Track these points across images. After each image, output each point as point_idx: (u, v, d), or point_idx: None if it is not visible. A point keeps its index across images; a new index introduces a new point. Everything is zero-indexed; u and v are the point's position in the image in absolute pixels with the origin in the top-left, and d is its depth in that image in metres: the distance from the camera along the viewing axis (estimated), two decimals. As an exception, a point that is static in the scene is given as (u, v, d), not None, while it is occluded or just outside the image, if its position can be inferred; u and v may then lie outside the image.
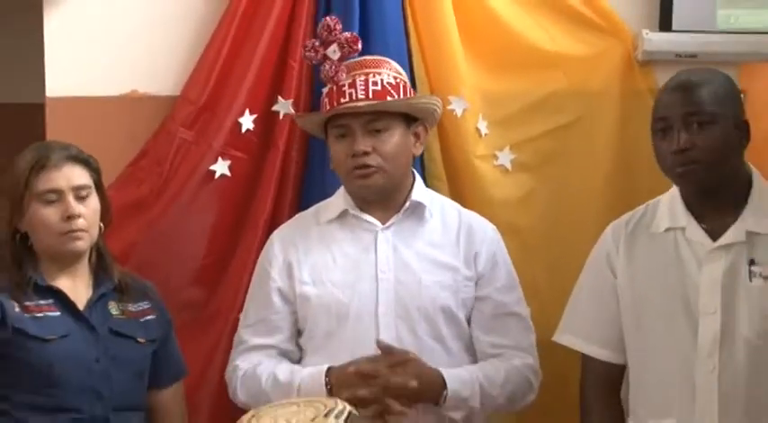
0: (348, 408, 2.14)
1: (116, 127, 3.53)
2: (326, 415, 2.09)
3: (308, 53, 3.26)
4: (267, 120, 3.54)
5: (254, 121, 3.53)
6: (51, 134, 3.45)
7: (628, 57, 3.63)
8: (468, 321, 3.21)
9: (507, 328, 3.21)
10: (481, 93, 3.60)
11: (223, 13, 3.55)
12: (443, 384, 3.05)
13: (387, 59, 3.26)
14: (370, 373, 2.96)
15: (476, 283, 3.20)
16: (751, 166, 3.07)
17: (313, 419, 2.06)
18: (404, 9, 3.58)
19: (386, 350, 3.02)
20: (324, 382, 3.01)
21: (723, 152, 2.96)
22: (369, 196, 3.19)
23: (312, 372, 3.07)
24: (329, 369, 3.05)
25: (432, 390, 3.03)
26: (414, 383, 2.97)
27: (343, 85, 3.15)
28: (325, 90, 3.23)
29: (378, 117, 3.12)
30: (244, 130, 3.53)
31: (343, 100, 3.13)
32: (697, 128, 2.95)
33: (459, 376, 3.09)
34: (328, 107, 3.17)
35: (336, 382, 2.99)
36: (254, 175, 3.56)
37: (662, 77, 3.30)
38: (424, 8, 3.58)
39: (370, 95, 3.13)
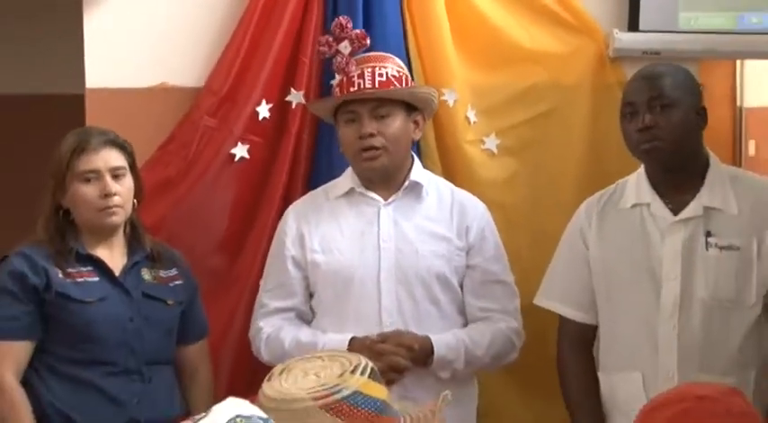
0: (370, 364, 2.12)
1: (147, 115, 3.54)
2: (353, 371, 2.03)
3: (321, 48, 3.28)
4: (281, 109, 3.55)
5: (270, 110, 3.54)
6: (90, 121, 3.45)
7: (600, 54, 3.64)
8: (461, 287, 3.23)
9: (494, 294, 3.24)
10: (470, 85, 3.62)
11: (242, 13, 3.56)
12: (432, 350, 3.09)
13: (390, 55, 3.29)
14: (379, 351, 3.00)
15: (467, 253, 3.22)
16: (708, 149, 3.10)
17: (341, 375, 2.01)
18: (402, 12, 3.58)
19: (384, 337, 3.07)
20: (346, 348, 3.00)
21: (682, 133, 3.00)
22: (373, 176, 3.21)
23: (335, 338, 3.11)
24: (353, 338, 3.09)
25: (422, 354, 3.06)
26: (407, 363, 3.02)
27: (353, 76, 3.17)
28: (335, 81, 3.26)
29: (382, 104, 3.15)
30: (261, 117, 3.54)
31: (352, 88, 3.16)
32: (660, 110, 3.00)
33: (445, 342, 3.13)
34: (339, 95, 3.19)
35: (356, 351, 2.94)
36: (270, 157, 3.56)
37: (630, 72, 3.32)
38: (420, 11, 3.59)
39: (377, 85, 3.15)
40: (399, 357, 3.00)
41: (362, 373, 2.03)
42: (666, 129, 2.99)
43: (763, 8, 3.69)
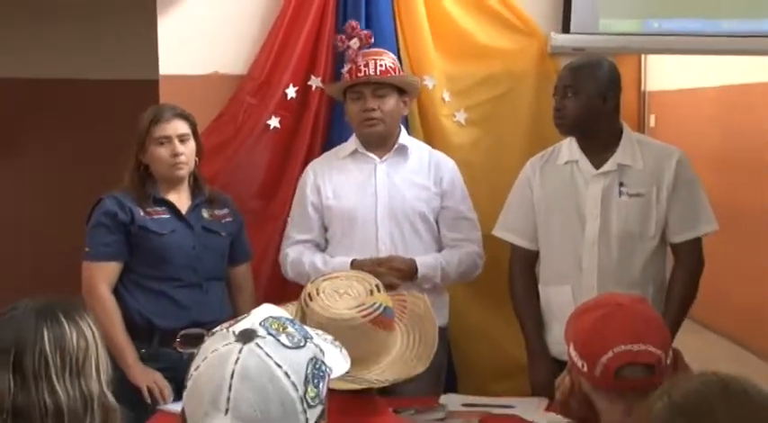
0: (380, 282, 2.07)
1: (205, 95, 3.52)
2: (377, 290, 2.02)
3: (337, 43, 3.32)
4: (304, 91, 3.53)
5: (296, 92, 3.52)
6: (163, 100, 3.46)
7: (541, 50, 3.61)
8: (437, 223, 3.25)
9: (462, 226, 3.26)
10: (445, 73, 3.60)
11: (275, 19, 3.54)
12: (416, 269, 3.12)
13: (387, 51, 3.29)
14: (377, 273, 3.01)
15: (441, 197, 3.24)
16: (623, 122, 3.12)
17: (370, 293, 1.99)
18: (394, 18, 3.55)
19: (378, 261, 3.08)
20: (349, 269, 3.02)
21: (582, 114, 3.01)
22: (372, 140, 3.21)
23: (341, 260, 3.12)
24: (353, 261, 3.10)
25: (409, 273, 3.09)
26: (398, 282, 3.01)
27: (360, 65, 3.17)
28: (345, 69, 3.26)
29: (381, 87, 3.16)
30: (288, 97, 3.52)
31: (359, 74, 3.16)
32: (569, 96, 3.02)
33: (426, 263, 3.15)
34: (349, 79, 3.20)
35: (357, 268, 2.98)
36: (295, 127, 3.55)
37: (563, 63, 3.30)
38: (407, 17, 3.56)
39: (378, 73, 3.15)
40: (392, 278, 3.01)
41: (380, 290, 2.03)
42: (568, 111, 3.02)
43: (662, 16, 3.67)
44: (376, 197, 3.20)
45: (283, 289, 3.29)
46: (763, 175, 5.52)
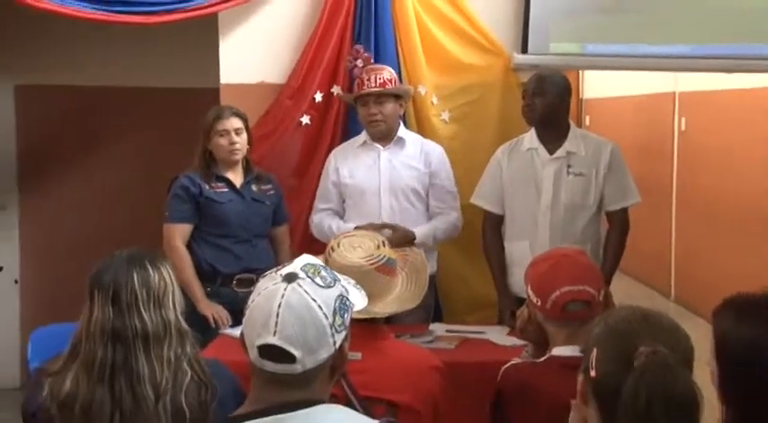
0: (386, 240, 2.09)
1: (254, 98, 3.47)
2: (383, 245, 2.02)
3: (348, 64, 3.33)
4: (328, 96, 3.48)
5: (322, 97, 3.47)
6: (223, 103, 3.39)
7: (506, 66, 3.55)
8: (427, 196, 3.21)
9: (447, 198, 3.22)
10: (433, 83, 3.53)
11: (308, 39, 3.48)
12: (413, 236, 3.06)
13: (387, 66, 3.26)
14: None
15: (430, 176, 3.20)
16: (571, 121, 3.12)
17: (377, 247, 2.00)
18: (395, 42, 3.48)
19: (384, 225, 3.01)
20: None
21: (549, 109, 3.01)
22: (377, 135, 3.18)
23: (349, 226, 3.06)
24: (356, 227, 3.03)
25: (407, 239, 3.01)
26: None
27: (365, 79, 3.15)
28: (355, 82, 3.24)
29: (381, 96, 3.13)
30: (317, 101, 3.47)
31: (364, 88, 3.13)
32: (537, 97, 3.01)
33: (422, 231, 3.10)
34: (357, 90, 3.17)
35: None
36: (321, 124, 3.49)
37: (524, 78, 3.29)
38: (405, 41, 3.48)
39: (377, 85, 3.12)
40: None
41: (385, 246, 2.04)
42: (536, 107, 3.01)
43: (598, 41, 3.62)
44: (380, 177, 3.16)
45: (312, 245, 3.24)
46: (666, 161, 5.65)
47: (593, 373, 1.28)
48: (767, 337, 1.26)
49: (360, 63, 3.31)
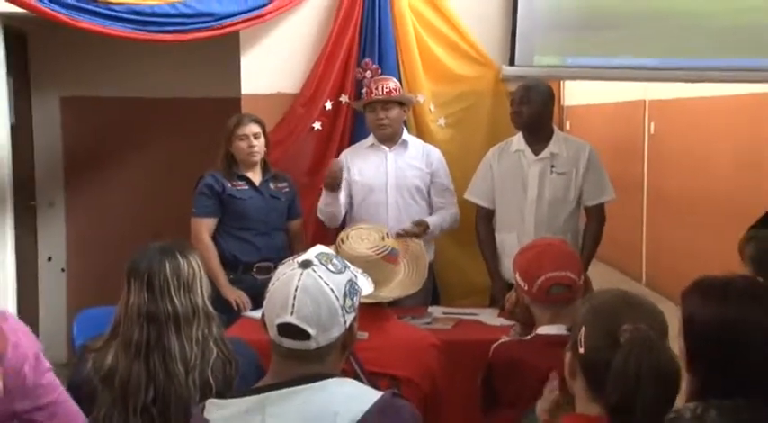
0: (389, 231, 2.10)
1: (271, 106, 3.43)
2: (387, 237, 2.02)
3: (357, 74, 3.30)
4: (337, 104, 3.45)
5: (332, 105, 3.45)
6: (244, 111, 3.35)
7: (496, 77, 3.53)
8: (428, 193, 3.19)
9: (446, 195, 3.20)
10: (431, 92, 3.51)
11: (319, 54, 3.46)
12: (427, 225, 3.02)
13: (391, 77, 3.24)
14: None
15: (431, 175, 3.18)
16: (554, 126, 3.10)
17: (382, 239, 2.00)
18: (396, 55, 3.45)
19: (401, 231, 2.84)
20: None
21: (534, 115, 2.99)
22: (383, 138, 3.16)
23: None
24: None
25: (423, 228, 2.98)
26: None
27: (373, 88, 3.13)
28: (364, 91, 3.22)
29: (387, 103, 3.11)
30: (327, 109, 3.44)
31: (372, 96, 3.11)
32: (524, 104, 2.99)
33: (433, 221, 3.07)
34: (366, 98, 3.15)
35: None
36: (332, 129, 3.47)
37: (511, 87, 3.26)
38: (405, 54, 3.45)
39: (384, 93, 3.10)
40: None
41: (389, 237, 2.04)
42: (524, 114, 3.00)
43: (577, 54, 3.60)
44: (386, 176, 3.14)
45: (323, 237, 3.22)
46: (638, 161, 5.65)
47: (581, 350, 1.28)
48: (730, 315, 1.25)
49: (369, 74, 3.34)
